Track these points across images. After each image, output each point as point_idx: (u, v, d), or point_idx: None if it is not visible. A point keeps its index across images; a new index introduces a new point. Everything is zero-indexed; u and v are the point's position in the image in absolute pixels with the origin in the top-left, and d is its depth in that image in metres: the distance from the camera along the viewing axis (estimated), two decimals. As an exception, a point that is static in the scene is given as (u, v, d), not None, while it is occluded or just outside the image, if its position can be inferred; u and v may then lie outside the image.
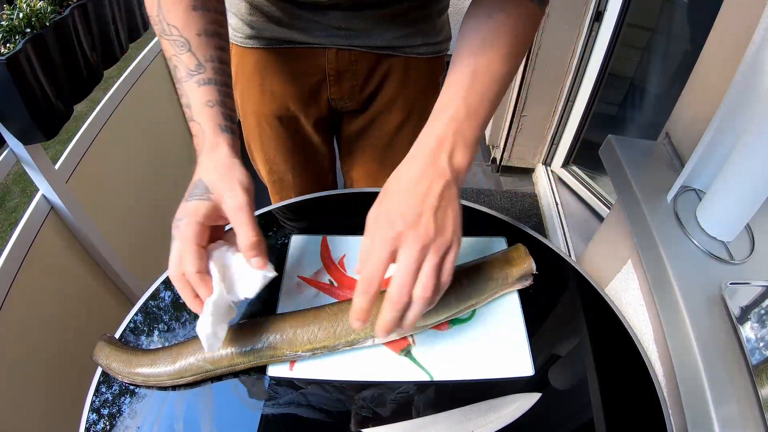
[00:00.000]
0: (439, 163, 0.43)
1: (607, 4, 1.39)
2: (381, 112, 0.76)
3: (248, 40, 0.68)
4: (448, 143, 0.44)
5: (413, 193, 0.41)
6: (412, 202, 0.41)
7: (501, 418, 0.45)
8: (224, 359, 0.48)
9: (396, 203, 0.41)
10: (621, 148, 0.66)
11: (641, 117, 1.54)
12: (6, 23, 0.76)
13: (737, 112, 0.48)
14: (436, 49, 0.73)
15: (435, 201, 0.41)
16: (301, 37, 0.66)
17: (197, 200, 0.43)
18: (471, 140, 0.45)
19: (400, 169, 0.44)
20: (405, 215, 0.40)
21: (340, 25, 0.64)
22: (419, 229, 0.40)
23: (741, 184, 0.48)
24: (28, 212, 0.90)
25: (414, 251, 0.39)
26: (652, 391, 0.49)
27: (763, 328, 0.45)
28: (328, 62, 0.68)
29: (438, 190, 0.42)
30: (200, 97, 0.47)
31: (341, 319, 0.50)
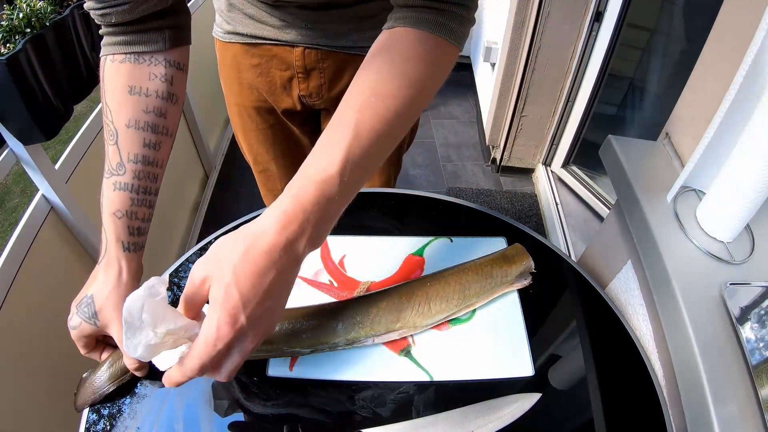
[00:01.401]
0: (295, 249, 0.36)
1: (607, 4, 1.39)
2: None
3: (227, 35, 0.71)
4: (311, 226, 0.36)
5: (259, 288, 0.34)
6: (257, 299, 0.34)
7: (501, 418, 0.45)
8: None
9: (243, 296, 0.34)
10: (621, 148, 0.66)
11: (641, 117, 1.54)
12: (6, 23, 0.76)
13: (737, 112, 0.48)
14: None
15: (279, 297, 0.37)
16: (272, 34, 0.67)
17: (84, 322, 0.45)
18: (333, 220, 0.39)
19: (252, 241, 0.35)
20: (250, 316, 0.34)
21: (306, 24, 0.65)
22: (259, 330, 0.36)
23: (741, 184, 0.48)
24: (28, 212, 0.90)
25: (246, 351, 0.36)
26: (652, 392, 0.49)
27: (763, 328, 0.45)
28: (296, 59, 0.69)
29: (283, 283, 0.36)
30: (111, 204, 0.46)
31: (341, 316, 0.50)
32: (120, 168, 0.47)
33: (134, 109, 0.47)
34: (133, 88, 0.47)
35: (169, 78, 0.49)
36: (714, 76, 0.60)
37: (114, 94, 0.47)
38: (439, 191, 1.89)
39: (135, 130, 0.47)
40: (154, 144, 0.48)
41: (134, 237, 0.47)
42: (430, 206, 0.70)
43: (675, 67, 1.35)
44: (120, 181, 0.47)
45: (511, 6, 1.57)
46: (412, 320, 0.51)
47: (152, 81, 0.48)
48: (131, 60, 0.47)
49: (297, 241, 0.36)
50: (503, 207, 1.82)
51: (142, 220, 0.48)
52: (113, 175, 0.47)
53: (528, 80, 1.63)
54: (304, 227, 0.36)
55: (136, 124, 0.47)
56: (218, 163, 1.91)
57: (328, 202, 0.37)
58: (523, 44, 1.60)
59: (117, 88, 0.47)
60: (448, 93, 2.51)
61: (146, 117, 0.47)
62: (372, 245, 0.63)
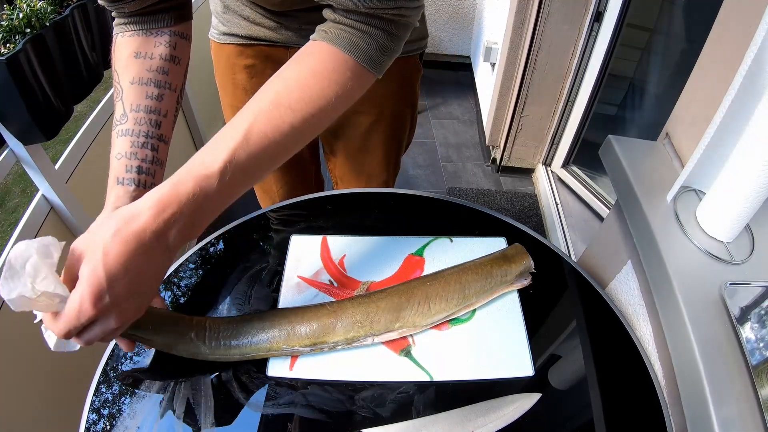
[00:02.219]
0: (167, 238, 0.37)
1: (607, 4, 1.39)
2: (352, 113, 0.77)
3: (222, 36, 0.71)
4: (185, 217, 0.37)
5: (128, 270, 0.35)
6: (125, 281, 0.35)
7: (501, 418, 0.45)
8: (221, 347, 0.48)
9: (110, 276, 0.35)
10: (621, 148, 0.66)
11: (641, 117, 1.54)
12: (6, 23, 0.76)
13: (737, 112, 0.48)
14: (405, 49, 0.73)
15: (148, 283, 0.38)
16: (266, 35, 0.68)
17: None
18: (208, 217, 0.39)
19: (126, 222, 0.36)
20: (116, 297, 0.35)
21: (301, 26, 0.66)
22: (122, 311, 0.37)
23: (741, 184, 0.48)
24: (28, 212, 0.90)
25: (108, 328, 0.37)
26: (652, 392, 0.49)
27: (763, 328, 0.44)
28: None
29: (154, 270, 0.37)
30: (114, 149, 0.49)
31: (341, 315, 0.50)
32: (123, 117, 0.49)
33: (139, 69, 0.50)
34: (139, 54, 0.51)
35: (173, 44, 0.52)
36: (714, 76, 0.60)
37: (121, 60, 0.50)
38: (439, 191, 1.90)
39: (138, 86, 0.50)
40: (156, 96, 0.50)
41: (130, 173, 0.48)
42: (430, 206, 0.70)
43: (675, 67, 1.35)
44: (122, 128, 0.49)
45: (511, 6, 1.57)
46: (412, 320, 0.51)
47: (157, 47, 0.51)
48: (139, 34, 0.51)
49: (168, 230, 0.37)
50: (503, 207, 1.82)
51: (142, 160, 0.49)
52: (117, 125, 0.50)
53: (528, 80, 1.63)
54: (177, 218, 0.37)
55: (140, 81, 0.50)
56: (218, 163, 1.91)
57: (204, 197, 0.37)
58: (523, 44, 1.60)
59: (124, 55, 0.51)
60: (448, 93, 2.51)
61: (149, 74, 0.50)
62: (372, 245, 0.63)
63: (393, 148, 0.84)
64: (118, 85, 0.51)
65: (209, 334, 0.48)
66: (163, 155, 0.52)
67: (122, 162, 0.48)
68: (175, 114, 0.54)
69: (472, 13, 2.51)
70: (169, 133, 0.53)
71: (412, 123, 0.85)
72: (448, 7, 2.49)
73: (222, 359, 0.49)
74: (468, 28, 2.57)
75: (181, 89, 0.55)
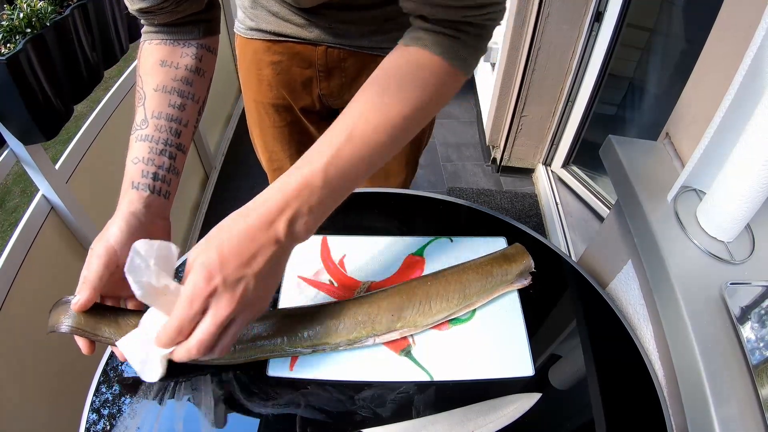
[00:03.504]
0: (276, 227, 0.38)
1: (607, 4, 1.39)
2: None
3: (249, 31, 0.71)
4: (292, 209, 0.39)
5: (239, 254, 0.37)
6: (236, 263, 0.37)
7: (501, 418, 0.45)
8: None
9: (222, 257, 0.37)
10: (621, 148, 0.66)
11: (641, 117, 1.54)
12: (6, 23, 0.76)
13: (738, 112, 0.48)
14: None
15: (260, 268, 0.38)
16: (295, 32, 0.68)
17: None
18: (319, 210, 0.40)
19: (235, 219, 0.39)
20: (227, 276, 0.37)
21: (330, 24, 0.66)
22: (235, 294, 0.37)
23: (741, 184, 0.48)
24: (28, 212, 0.90)
25: (220, 317, 0.37)
26: (652, 392, 0.49)
27: (763, 328, 0.45)
28: (318, 58, 0.70)
29: (266, 257, 0.38)
30: (132, 153, 0.49)
31: (342, 316, 0.50)
32: (143, 123, 0.50)
33: (164, 77, 0.51)
34: (165, 62, 0.51)
35: (199, 56, 0.53)
36: (714, 76, 0.60)
37: (147, 67, 0.51)
38: (439, 191, 1.90)
39: (162, 93, 0.50)
40: (179, 105, 0.51)
41: (146, 179, 0.48)
42: (430, 206, 0.70)
43: (675, 67, 1.35)
44: (142, 133, 0.49)
45: (511, 6, 1.57)
46: (412, 319, 0.51)
47: (183, 58, 0.52)
48: (166, 44, 0.52)
49: (296, 221, 0.39)
50: (503, 207, 1.82)
51: (159, 167, 0.49)
52: (137, 130, 0.50)
53: (528, 80, 1.63)
54: (299, 209, 0.39)
55: (164, 89, 0.50)
56: (218, 163, 1.91)
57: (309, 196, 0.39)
58: (523, 44, 1.60)
59: (150, 62, 0.51)
60: (448, 93, 2.51)
61: (173, 83, 0.51)
62: (372, 245, 0.63)
63: (414, 146, 0.84)
64: (141, 90, 0.51)
65: None
66: (180, 164, 0.52)
67: (139, 166, 0.48)
68: (195, 125, 0.54)
69: (472, 13, 2.51)
70: (188, 143, 0.53)
71: (432, 121, 0.85)
72: (448, 7, 2.48)
73: (225, 363, 0.49)
74: (468, 28, 2.57)
75: (203, 101, 0.55)
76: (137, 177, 0.48)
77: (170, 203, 0.51)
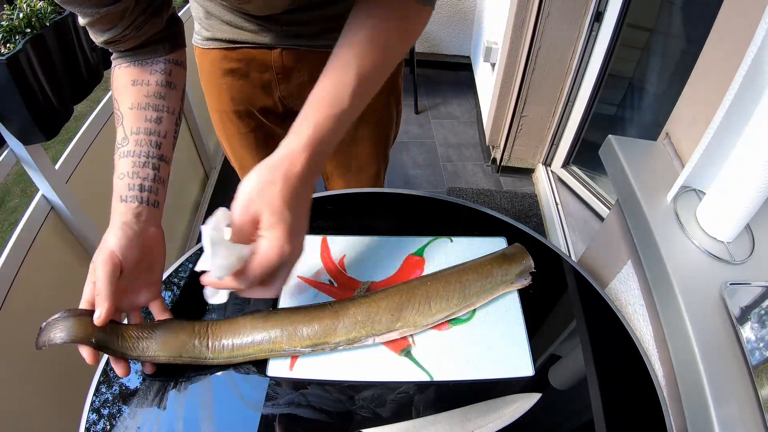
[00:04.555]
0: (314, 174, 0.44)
1: (607, 4, 1.39)
2: None
3: (206, 41, 0.72)
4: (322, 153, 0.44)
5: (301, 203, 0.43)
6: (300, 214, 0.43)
7: (501, 418, 0.45)
8: (224, 350, 0.48)
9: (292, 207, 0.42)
10: (621, 148, 0.66)
11: (641, 117, 1.54)
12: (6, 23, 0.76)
13: (738, 112, 0.48)
14: None
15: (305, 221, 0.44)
16: (250, 38, 0.68)
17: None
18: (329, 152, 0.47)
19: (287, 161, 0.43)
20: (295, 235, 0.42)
21: (282, 28, 0.66)
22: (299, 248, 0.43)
23: (741, 184, 0.48)
24: (28, 212, 0.90)
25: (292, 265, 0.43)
26: (652, 392, 0.49)
27: (763, 328, 0.45)
28: (275, 61, 0.70)
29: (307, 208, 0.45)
30: (117, 170, 0.51)
31: (342, 316, 0.50)
32: (124, 141, 0.52)
33: (137, 95, 0.53)
34: (135, 81, 0.53)
35: (168, 71, 0.55)
36: (714, 75, 0.60)
37: (119, 89, 0.54)
38: (439, 191, 1.90)
39: (137, 110, 0.52)
40: (155, 119, 0.53)
41: (133, 191, 0.50)
42: (430, 206, 0.70)
43: (675, 67, 1.35)
44: (124, 150, 0.52)
45: (511, 6, 1.57)
46: (412, 319, 0.51)
47: (153, 75, 0.54)
48: (135, 65, 0.54)
49: (316, 166, 0.44)
50: (503, 207, 1.82)
51: (144, 179, 0.51)
52: (119, 148, 0.52)
53: (528, 80, 1.63)
54: (320, 153, 0.44)
55: (138, 106, 0.53)
56: (218, 163, 1.91)
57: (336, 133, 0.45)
58: (523, 44, 1.60)
59: (122, 84, 0.54)
60: (448, 93, 2.51)
61: (147, 99, 0.53)
62: (372, 245, 0.63)
63: (381, 140, 0.85)
64: (118, 111, 0.53)
65: (212, 339, 0.48)
66: (164, 173, 0.53)
67: (125, 181, 0.50)
68: (174, 135, 0.56)
69: (472, 13, 2.51)
70: (170, 153, 0.55)
71: (398, 115, 0.86)
72: (448, 7, 2.49)
73: (225, 362, 0.49)
74: (468, 28, 2.57)
75: (179, 113, 0.57)
76: (124, 191, 0.50)
77: (160, 212, 0.52)
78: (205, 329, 0.49)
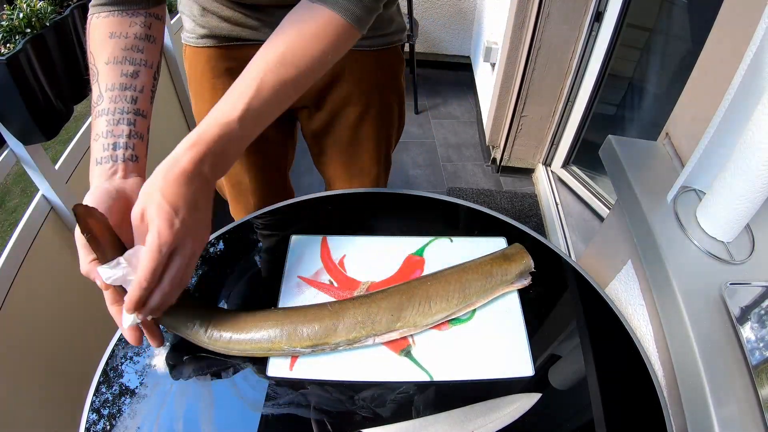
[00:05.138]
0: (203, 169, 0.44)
1: (607, 4, 1.39)
2: (339, 108, 0.77)
3: (201, 39, 0.70)
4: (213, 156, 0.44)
5: (184, 194, 0.42)
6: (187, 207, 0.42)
7: (501, 418, 0.45)
8: (221, 340, 0.48)
9: (171, 198, 0.42)
10: (621, 148, 0.66)
11: (641, 117, 1.54)
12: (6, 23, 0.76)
13: (737, 112, 0.48)
14: (387, 41, 0.73)
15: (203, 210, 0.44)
16: (250, 35, 0.67)
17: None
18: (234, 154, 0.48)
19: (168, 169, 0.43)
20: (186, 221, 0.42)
21: None
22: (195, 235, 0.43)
23: (741, 184, 0.48)
24: (28, 212, 0.90)
25: (187, 254, 0.43)
26: (652, 392, 0.49)
27: (763, 328, 0.45)
28: None
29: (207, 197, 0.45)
30: (93, 131, 0.51)
31: (342, 316, 0.50)
32: (99, 99, 0.51)
33: (113, 48, 0.52)
34: (114, 34, 0.52)
35: (148, 24, 0.54)
36: (714, 75, 0.60)
37: (96, 41, 0.52)
38: (439, 191, 1.90)
39: (113, 65, 0.52)
40: (132, 73, 0.52)
41: (107, 152, 0.50)
42: (430, 206, 0.70)
43: (675, 67, 1.35)
44: (99, 109, 0.51)
45: (511, 6, 1.57)
46: (412, 319, 0.51)
47: (132, 27, 0.53)
48: (114, 15, 0.53)
49: (203, 165, 0.44)
50: (503, 207, 1.82)
51: (118, 136, 0.50)
52: (95, 107, 0.51)
53: (528, 80, 1.63)
54: (207, 157, 0.44)
55: (114, 60, 0.52)
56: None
57: (228, 140, 0.45)
58: (523, 44, 1.60)
59: (99, 35, 0.52)
60: (448, 93, 2.51)
61: (124, 53, 0.52)
62: (372, 245, 0.63)
63: (383, 142, 0.84)
64: (93, 67, 0.52)
65: (211, 326, 0.48)
66: (141, 128, 0.52)
67: (99, 142, 0.50)
68: (152, 89, 0.55)
69: (472, 13, 2.51)
70: (147, 107, 0.54)
71: (401, 116, 0.85)
72: (448, 7, 2.49)
73: (221, 351, 0.49)
74: (468, 28, 2.57)
75: (157, 67, 0.56)
76: (99, 152, 0.50)
77: (141, 165, 0.52)
78: (207, 315, 0.49)
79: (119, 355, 0.52)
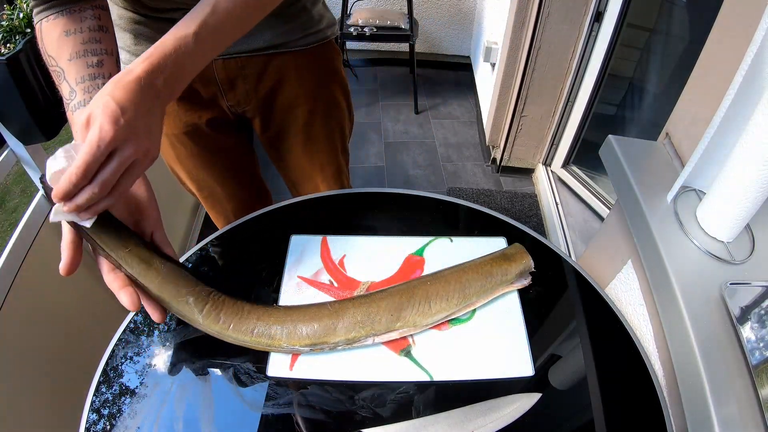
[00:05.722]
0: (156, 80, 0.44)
1: (607, 4, 1.39)
2: (287, 111, 0.77)
3: None
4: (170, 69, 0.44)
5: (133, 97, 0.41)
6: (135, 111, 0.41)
7: (501, 418, 0.45)
8: (217, 324, 0.48)
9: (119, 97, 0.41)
10: (621, 148, 0.66)
11: (641, 117, 1.54)
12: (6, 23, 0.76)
13: (737, 112, 0.48)
14: (320, 36, 0.74)
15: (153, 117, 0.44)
16: None
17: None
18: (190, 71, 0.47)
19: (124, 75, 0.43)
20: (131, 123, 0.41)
21: None
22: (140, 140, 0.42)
23: (741, 184, 0.48)
24: (28, 212, 0.90)
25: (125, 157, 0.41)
26: (652, 392, 0.49)
27: (763, 328, 0.45)
28: (217, 73, 0.69)
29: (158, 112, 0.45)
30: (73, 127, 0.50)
31: (342, 316, 0.50)
32: (72, 93, 0.51)
33: (73, 45, 0.52)
34: (69, 32, 0.52)
35: (97, 16, 0.55)
36: (714, 75, 0.60)
37: (53, 43, 0.52)
38: (439, 191, 1.90)
39: (77, 59, 0.52)
40: (97, 63, 0.52)
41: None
42: (430, 206, 0.70)
43: (675, 67, 1.35)
44: (74, 103, 0.51)
45: (511, 6, 1.57)
46: (412, 319, 0.51)
47: (84, 21, 0.53)
48: (63, 14, 0.53)
49: (156, 77, 0.43)
50: (503, 207, 1.82)
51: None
52: (69, 102, 0.51)
53: (528, 80, 1.63)
54: (162, 68, 0.44)
55: (77, 54, 0.52)
56: (218, 163, 1.91)
57: (184, 54, 0.45)
58: (523, 44, 1.60)
59: (54, 37, 0.52)
60: (448, 93, 2.51)
61: (84, 47, 0.52)
62: (372, 245, 0.63)
63: (337, 135, 0.84)
64: (56, 68, 0.52)
65: (209, 307, 0.48)
66: None
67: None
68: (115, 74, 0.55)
69: (472, 13, 2.51)
70: None
71: (349, 108, 0.85)
72: (448, 7, 2.49)
73: (215, 336, 0.48)
74: (468, 28, 2.57)
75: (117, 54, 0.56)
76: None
77: None
78: (207, 294, 0.48)
79: (119, 355, 0.52)
